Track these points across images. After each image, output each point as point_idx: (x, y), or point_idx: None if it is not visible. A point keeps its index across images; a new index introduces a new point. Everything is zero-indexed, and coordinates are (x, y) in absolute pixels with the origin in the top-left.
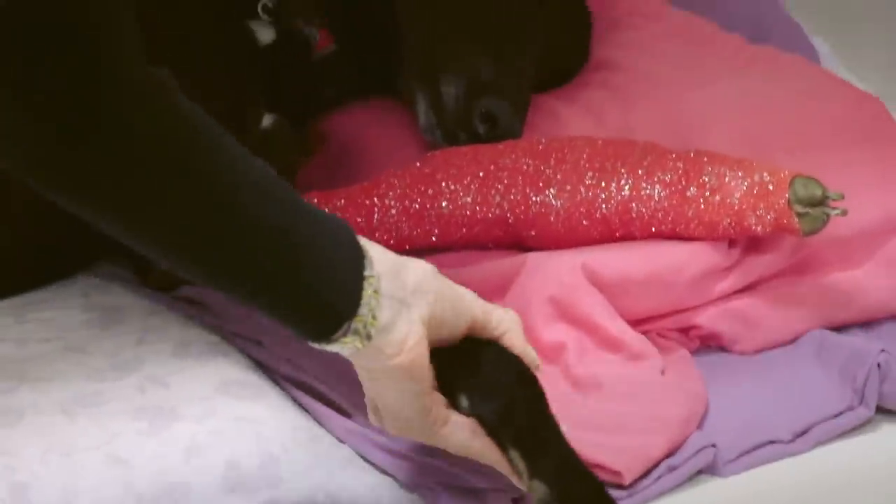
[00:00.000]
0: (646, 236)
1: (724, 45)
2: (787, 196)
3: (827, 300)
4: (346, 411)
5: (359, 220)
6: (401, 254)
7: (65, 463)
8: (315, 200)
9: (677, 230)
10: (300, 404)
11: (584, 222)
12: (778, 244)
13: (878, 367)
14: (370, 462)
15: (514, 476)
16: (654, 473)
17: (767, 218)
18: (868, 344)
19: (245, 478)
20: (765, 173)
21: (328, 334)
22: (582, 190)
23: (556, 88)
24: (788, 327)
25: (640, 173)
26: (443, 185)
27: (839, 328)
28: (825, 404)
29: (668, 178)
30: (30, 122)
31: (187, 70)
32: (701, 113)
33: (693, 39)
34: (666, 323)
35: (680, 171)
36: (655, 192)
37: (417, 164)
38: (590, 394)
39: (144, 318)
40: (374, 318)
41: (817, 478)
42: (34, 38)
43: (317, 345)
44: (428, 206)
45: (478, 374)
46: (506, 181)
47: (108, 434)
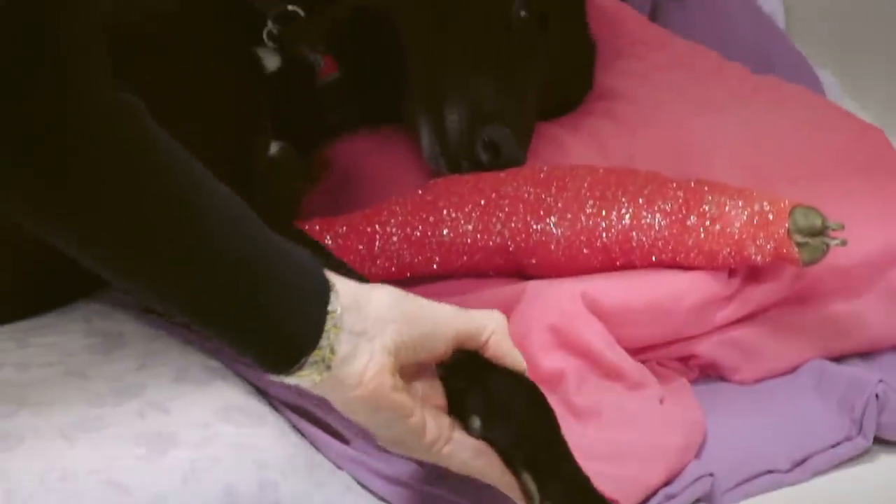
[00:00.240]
0: (646, 265)
1: (727, 74)
2: (786, 226)
3: (827, 330)
4: (344, 437)
5: (360, 247)
6: (402, 281)
7: (64, 487)
8: (317, 227)
9: (677, 259)
10: (299, 430)
11: (585, 251)
12: (778, 274)
13: (877, 397)
14: (369, 489)
15: (522, 499)
16: (652, 502)
17: (767, 247)
18: (867, 374)
19: None
20: (765, 203)
21: (287, 367)
22: (583, 218)
23: (559, 116)
24: (788, 357)
25: (640, 202)
26: (444, 213)
27: (838, 358)
28: (823, 434)
29: (668, 208)
30: (7, 166)
31: (197, 98)
32: (704, 142)
33: (696, 69)
34: (666, 352)
35: (680, 201)
36: (656, 221)
37: (419, 191)
38: (589, 422)
39: (146, 343)
40: (333, 352)
41: None
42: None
43: (275, 377)
44: (429, 234)
45: (490, 396)
46: (507, 209)
47: (108, 459)
